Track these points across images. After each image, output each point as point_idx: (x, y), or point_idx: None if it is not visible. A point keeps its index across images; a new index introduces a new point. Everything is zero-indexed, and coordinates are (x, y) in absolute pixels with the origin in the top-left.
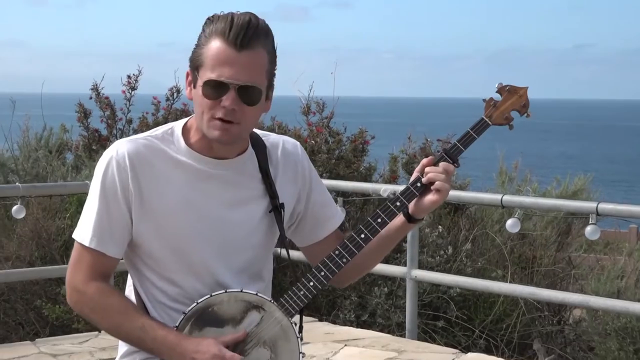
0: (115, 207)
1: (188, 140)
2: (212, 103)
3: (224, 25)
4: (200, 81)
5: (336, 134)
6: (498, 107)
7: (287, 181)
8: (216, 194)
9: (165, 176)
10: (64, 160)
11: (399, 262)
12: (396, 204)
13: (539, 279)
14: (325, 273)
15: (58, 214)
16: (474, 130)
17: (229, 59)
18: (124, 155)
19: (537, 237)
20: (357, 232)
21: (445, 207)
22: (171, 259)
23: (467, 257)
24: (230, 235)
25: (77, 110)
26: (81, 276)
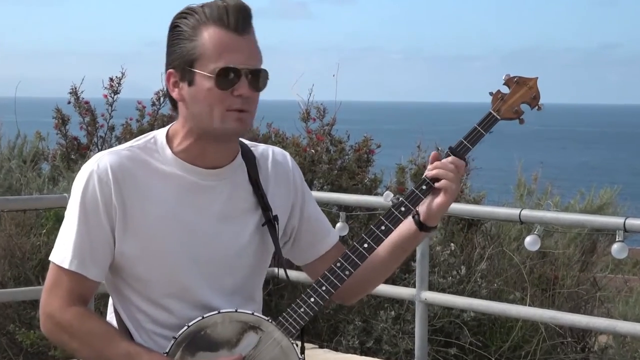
0: (96, 225)
1: (173, 148)
2: (224, 94)
3: (218, 11)
4: (202, 74)
5: (338, 143)
6: (506, 100)
7: (279, 193)
8: (207, 208)
9: (151, 190)
10: (39, 171)
11: (407, 283)
12: (400, 210)
13: (561, 301)
14: (327, 287)
15: (33, 230)
16: (482, 126)
17: (234, 44)
18: (106, 168)
19: (559, 255)
20: (359, 242)
21: (458, 223)
22: (158, 281)
23: (482, 278)
24: (222, 252)
25: (54, 116)
26: (58, 301)
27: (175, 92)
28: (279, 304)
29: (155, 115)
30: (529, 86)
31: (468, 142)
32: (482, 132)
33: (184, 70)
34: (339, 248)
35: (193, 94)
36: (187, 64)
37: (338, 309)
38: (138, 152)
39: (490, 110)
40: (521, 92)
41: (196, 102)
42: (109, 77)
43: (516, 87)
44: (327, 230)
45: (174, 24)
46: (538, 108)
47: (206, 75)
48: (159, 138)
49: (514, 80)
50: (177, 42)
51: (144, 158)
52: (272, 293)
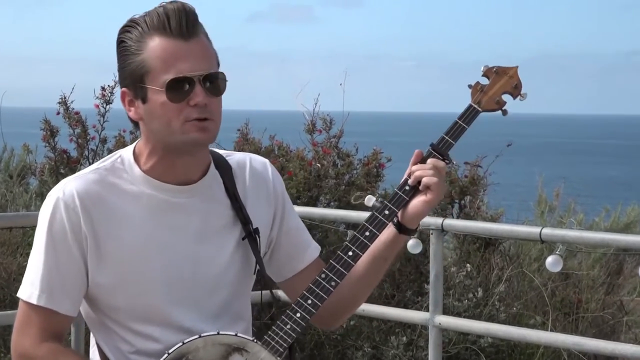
0: (66, 256)
1: (141, 166)
2: (179, 107)
3: (159, 19)
4: (153, 89)
5: (346, 156)
6: (486, 91)
7: (259, 204)
8: (182, 227)
9: (122, 213)
10: (26, 187)
11: (420, 306)
12: (384, 213)
13: (585, 326)
14: (312, 301)
15: (20, 249)
16: (463, 120)
17: (180, 51)
18: (72, 194)
19: (583, 277)
20: (343, 250)
21: (474, 243)
22: (138, 309)
23: (501, 301)
24: (203, 274)
25: (42, 127)
26: (30, 340)
27: (132, 112)
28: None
29: None
30: (509, 75)
31: (450, 138)
32: (464, 125)
33: (135, 87)
34: (318, 265)
35: (148, 110)
36: (137, 81)
37: (346, 334)
38: (105, 174)
39: (471, 103)
40: (501, 82)
41: (153, 119)
42: (101, 86)
43: (496, 78)
44: (306, 245)
45: (119, 39)
46: (521, 97)
47: (157, 90)
48: (125, 157)
49: (493, 70)
50: (124, 58)
51: (111, 180)
52: (275, 317)
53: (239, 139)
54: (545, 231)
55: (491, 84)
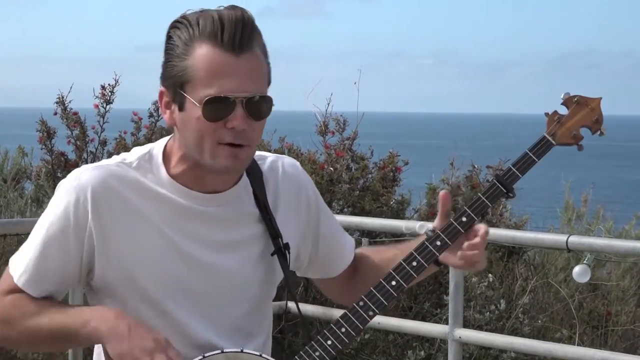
0: (58, 250)
1: (169, 169)
2: (215, 126)
3: (212, 26)
4: (191, 101)
5: (361, 159)
6: (564, 122)
7: (291, 215)
8: (204, 236)
9: (140, 212)
10: (21, 191)
11: (439, 319)
12: (436, 244)
13: (615, 340)
14: (347, 330)
15: None
16: (534, 152)
17: (228, 67)
18: (87, 186)
19: (612, 288)
20: (387, 279)
21: (497, 251)
22: (149, 316)
23: (525, 314)
24: (221, 285)
25: (39, 128)
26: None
27: (167, 115)
28: (292, 343)
29: (153, 128)
30: (590, 107)
31: (518, 170)
32: (535, 159)
33: (175, 92)
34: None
35: (184, 120)
36: (177, 86)
37: (360, 348)
38: (128, 170)
39: (545, 134)
40: (582, 114)
41: (187, 130)
42: (101, 85)
43: (576, 108)
44: (343, 246)
45: (168, 34)
46: (601, 133)
47: (195, 103)
48: (154, 154)
49: (574, 100)
50: (169, 57)
51: (135, 177)
52: (285, 330)
53: None
54: (572, 239)
55: (570, 114)
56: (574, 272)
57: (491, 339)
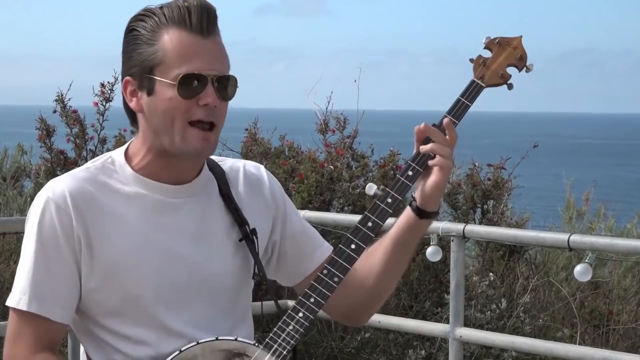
0: (57, 260)
1: (133, 166)
2: (187, 104)
3: (179, 12)
4: (163, 81)
5: (361, 158)
6: (489, 65)
7: (256, 206)
8: (178, 228)
9: (115, 214)
10: (21, 189)
11: (439, 318)
12: (387, 202)
13: (617, 339)
14: (315, 299)
15: (13, 256)
16: (466, 97)
17: (197, 47)
18: (64, 194)
19: (614, 287)
20: (345, 243)
21: (498, 250)
22: (133, 314)
23: (526, 313)
24: (200, 277)
25: (38, 126)
26: (23, 350)
27: (133, 102)
28: None
29: None
30: (513, 46)
31: (453, 117)
32: (467, 103)
33: (142, 78)
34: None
35: (153, 104)
36: (145, 71)
37: (360, 347)
38: (96, 173)
39: (473, 78)
40: (505, 54)
41: (156, 113)
42: (100, 83)
43: (499, 50)
44: (315, 245)
45: (130, 27)
46: (527, 69)
47: (167, 83)
48: (116, 158)
49: (496, 42)
50: (134, 47)
51: (102, 180)
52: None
53: (247, 139)
54: (574, 238)
55: (494, 56)
56: (576, 271)
57: (492, 338)
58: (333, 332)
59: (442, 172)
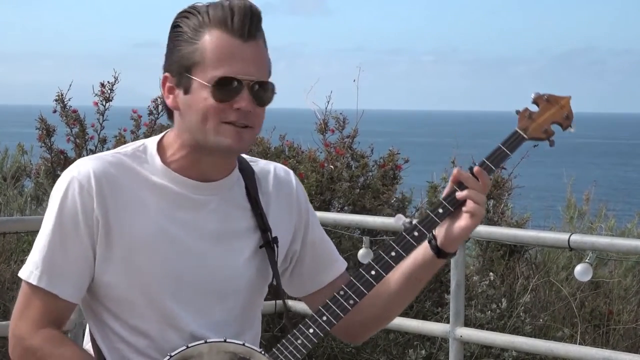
0: (74, 239)
1: (165, 159)
2: (222, 106)
3: (222, 13)
4: (199, 82)
5: (361, 157)
6: (535, 119)
7: (281, 213)
8: (198, 225)
9: (138, 201)
10: (21, 189)
11: (440, 317)
12: (413, 234)
13: (617, 339)
14: (328, 318)
15: (14, 255)
16: (507, 145)
17: (236, 51)
18: (89, 175)
19: (614, 287)
20: (366, 269)
21: (498, 250)
22: (141, 304)
23: (526, 312)
24: (212, 276)
25: (38, 126)
26: (28, 323)
27: (170, 99)
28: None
29: (153, 126)
30: (560, 105)
31: (491, 163)
32: (507, 152)
33: (180, 76)
34: (345, 279)
35: (188, 102)
36: (184, 69)
37: (361, 347)
38: (124, 159)
39: (516, 129)
40: (552, 111)
41: (190, 112)
42: (100, 83)
43: (546, 106)
44: (333, 258)
45: (175, 23)
46: (570, 129)
47: (203, 84)
48: (149, 146)
49: (544, 98)
50: (176, 43)
51: (130, 165)
52: (286, 329)
53: None
54: (574, 238)
55: (540, 111)
56: (576, 270)
57: (492, 338)
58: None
59: (473, 219)
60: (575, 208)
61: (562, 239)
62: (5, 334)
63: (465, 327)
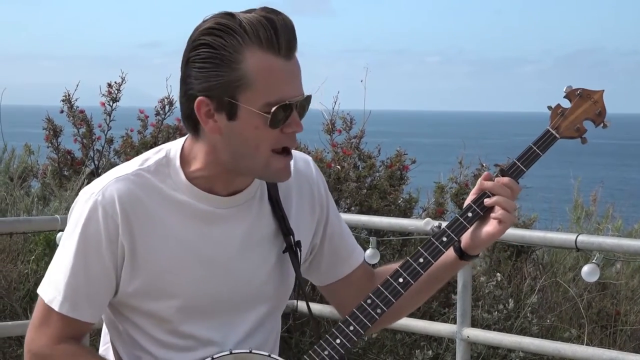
0: (96, 266)
1: (188, 172)
2: (274, 133)
3: (264, 32)
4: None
5: (368, 158)
6: (567, 116)
7: (303, 211)
8: (225, 239)
9: (163, 222)
10: (28, 190)
11: (447, 318)
12: (442, 240)
13: (624, 340)
14: (355, 328)
15: (21, 256)
16: (538, 146)
17: (284, 73)
18: (113, 200)
19: (622, 287)
20: (394, 276)
21: (505, 250)
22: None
23: (533, 313)
24: (243, 288)
25: (45, 126)
26: (46, 340)
27: (210, 124)
28: (300, 342)
29: (160, 126)
30: (593, 100)
31: (522, 164)
32: (539, 152)
33: (221, 101)
34: (364, 270)
35: (236, 129)
36: (227, 94)
37: (367, 348)
38: (148, 178)
39: (548, 128)
40: (584, 107)
41: (238, 139)
42: (107, 83)
43: (579, 101)
44: (350, 250)
45: (202, 41)
46: (603, 125)
47: (255, 112)
48: (172, 158)
49: (577, 93)
50: (210, 65)
51: (154, 184)
52: (292, 329)
53: None
54: (581, 238)
55: (573, 108)
56: (583, 271)
57: (499, 339)
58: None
59: (502, 225)
60: (582, 209)
61: (569, 240)
62: (11, 334)
63: (472, 327)
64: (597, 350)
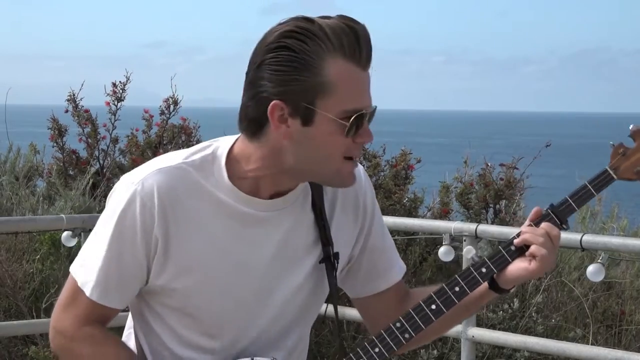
0: (129, 255)
1: (233, 172)
2: (347, 141)
3: (348, 41)
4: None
5: (372, 157)
6: (629, 156)
7: (345, 222)
8: (262, 243)
9: (200, 220)
10: (33, 189)
11: None
12: (481, 271)
13: (629, 340)
14: (380, 350)
15: (26, 255)
16: (593, 185)
17: (362, 83)
18: (152, 192)
19: (627, 287)
20: (427, 302)
21: None
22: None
23: (538, 313)
24: (274, 295)
25: (50, 126)
26: (72, 320)
27: (282, 129)
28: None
29: (165, 126)
30: None
31: (574, 202)
32: (593, 192)
33: (298, 106)
34: (400, 288)
35: (309, 135)
36: (305, 100)
37: None
38: (190, 172)
39: (607, 168)
40: None
41: (310, 145)
42: (112, 82)
43: None
44: (389, 266)
45: (282, 44)
46: None
47: (332, 119)
48: (218, 156)
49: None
50: (290, 69)
51: (196, 180)
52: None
53: None
54: (587, 238)
55: (636, 148)
56: (588, 271)
57: (504, 338)
58: (345, 331)
59: (540, 264)
60: (588, 208)
61: (574, 239)
62: (17, 333)
63: (477, 327)
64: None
